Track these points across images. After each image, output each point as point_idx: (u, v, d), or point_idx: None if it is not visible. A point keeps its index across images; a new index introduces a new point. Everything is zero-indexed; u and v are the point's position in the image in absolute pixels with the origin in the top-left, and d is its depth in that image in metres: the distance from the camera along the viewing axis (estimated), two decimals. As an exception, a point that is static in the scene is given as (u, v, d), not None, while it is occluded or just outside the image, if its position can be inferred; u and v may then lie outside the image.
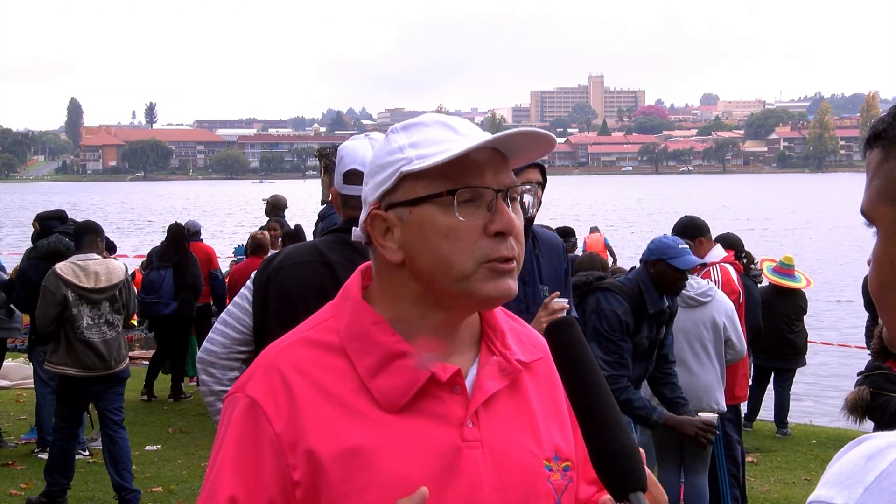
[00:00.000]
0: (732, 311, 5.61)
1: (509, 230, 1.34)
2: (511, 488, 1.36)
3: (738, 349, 5.61)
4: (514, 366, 1.42)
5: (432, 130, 1.38)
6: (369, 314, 1.38)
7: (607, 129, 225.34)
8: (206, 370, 2.90)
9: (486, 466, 1.35)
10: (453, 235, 1.33)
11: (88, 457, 7.63)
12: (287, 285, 2.88)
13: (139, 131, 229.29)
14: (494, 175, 1.35)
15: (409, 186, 1.36)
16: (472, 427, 1.36)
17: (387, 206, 1.38)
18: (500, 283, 1.35)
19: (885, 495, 0.88)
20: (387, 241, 1.38)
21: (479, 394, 1.38)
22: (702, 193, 77.25)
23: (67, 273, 6.13)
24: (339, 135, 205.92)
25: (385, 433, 1.32)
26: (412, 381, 1.34)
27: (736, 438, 6.22)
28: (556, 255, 3.96)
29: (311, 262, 2.92)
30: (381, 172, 1.39)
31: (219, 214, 52.46)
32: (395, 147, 1.38)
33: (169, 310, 9.94)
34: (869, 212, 1.00)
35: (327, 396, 1.34)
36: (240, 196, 74.94)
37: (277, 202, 11.02)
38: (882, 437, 0.94)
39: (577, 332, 1.26)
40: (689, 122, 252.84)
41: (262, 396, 1.35)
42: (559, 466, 1.42)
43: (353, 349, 1.37)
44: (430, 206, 1.34)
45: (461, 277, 1.34)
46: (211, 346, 2.91)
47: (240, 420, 1.35)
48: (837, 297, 20.80)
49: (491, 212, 1.34)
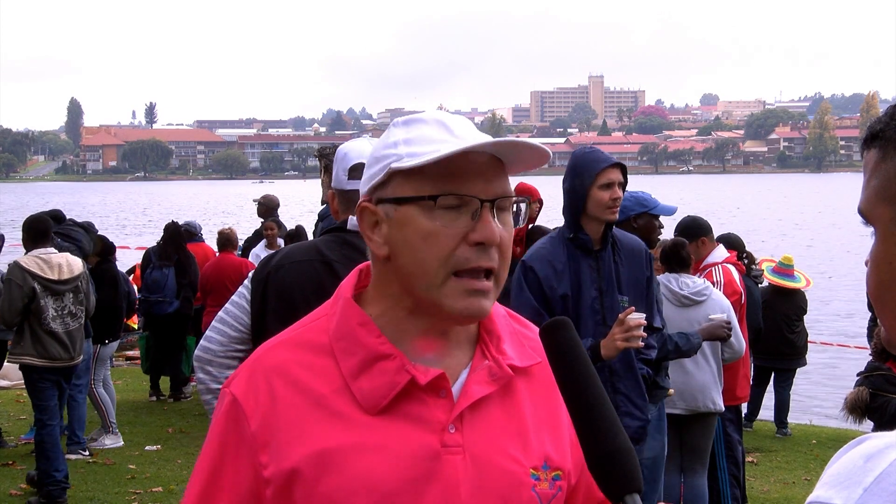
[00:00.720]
0: (729, 309, 5.60)
1: (490, 241, 1.32)
2: (491, 496, 1.34)
3: (735, 348, 5.58)
4: (505, 371, 1.40)
5: (429, 129, 1.37)
6: (357, 314, 1.38)
7: (607, 129, 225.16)
8: (203, 368, 2.91)
9: (466, 473, 1.34)
10: (432, 240, 1.32)
11: (88, 457, 7.63)
12: (287, 284, 2.89)
13: (139, 131, 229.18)
14: (485, 183, 1.33)
15: (397, 184, 1.35)
16: (454, 432, 1.34)
17: (377, 201, 1.37)
18: (471, 301, 1.33)
19: (884, 495, 0.88)
20: (374, 234, 1.38)
21: (464, 399, 1.36)
22: (714, 193, 77.30)
23: (32, 266, 6.30)
24: (339, 135, 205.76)
25: (362, 435, 1.32)
26: (393, 383, 1.33)
27: (736, 438, 6.22)
28: (638, 261, 3.89)
29: (310, 260, 2.92)
30: (374, 165, 1.39)
31: (217, 214, 52.40)
32: (391, 142, 1.38)
33: (172, 308, 9.97)
34: (867, 212, 0.99)
35: (308, 397, 1.34)
36: (239, 196, 74.90)
37: (270, 202, 11.01)
38: (881, 437, 0.93)
39: (573, 333, 1.25)
40: (689, 122, 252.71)
41: (242, 394, 1.36)
42: (548, 475, 1.40)
43: (339, 349, 1.37)
44: (414, 208, 1.33)
45: (432, 285, 1.33)
46: (208, 343, 2.91)
47: (221, 417, 1.39)
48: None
49: (475, 220, 1.32)
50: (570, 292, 3.74)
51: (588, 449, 1.18)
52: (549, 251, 3.82)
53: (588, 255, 3.81)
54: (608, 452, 1.17)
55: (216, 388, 2.89)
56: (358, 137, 3.13)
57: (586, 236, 3.80)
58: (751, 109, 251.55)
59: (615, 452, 1.16)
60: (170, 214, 35.19)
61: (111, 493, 6.63)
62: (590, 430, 1.18)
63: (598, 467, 1.17)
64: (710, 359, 5.49)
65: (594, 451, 1.17)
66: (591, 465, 1.18)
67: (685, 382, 5.37)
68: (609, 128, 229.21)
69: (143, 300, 10.32)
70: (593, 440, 1.18)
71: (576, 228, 3.81)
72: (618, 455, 1.16)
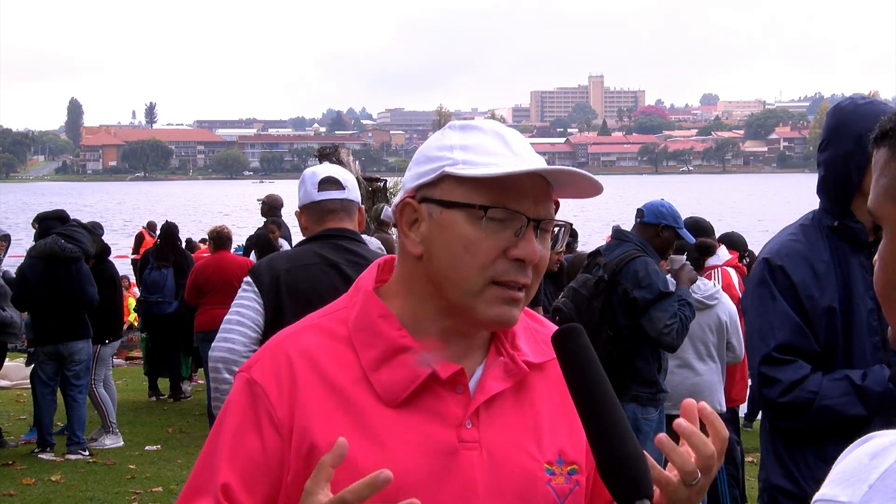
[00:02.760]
0: (735, 313, 5.61)
1: (530, 259, 1.33)
2: (507, 491, 1.35)
3: (737, 352, 5.60)
4: (521, 367, 1.41)
5: (487, 139, 1.37)
6: (378, 307, 1.39)
7: (607, 129, 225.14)
8: (229, 369, 2.95)
9: (482, 468, 1.34)
10: (473, 249, 1.32)
11: (88, 457, 7.63)
12: (301, 286, 2.96)
13: (139, 131, 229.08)
14: (533, 203, 1.34)
15: (447, 187, 1.35)
16: (470, 428, 1.35)
17: (421, 199, 1.37)
18: (503, 309, 1.34)
19: (889, 492, 0.88)
20: (411, 231, 1.38)
21: (480, 394, 1.37)
22: (717, 194, 77.18)
23: None
24: (339, 135, 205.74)
25: (380, 427, 1.33)
26: (413, 377, 1.34)
27: (734, 439, 6.22)
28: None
29: (317, 264, 3.00)
30: (425, 164, 1.38)
31: (215, 214, 52.34)
32: (447, 144, 1.38)
33: (171, 308, 9.96)
34: (875, 211, 0.99)
35: (328, 385, 1.35)
36: (239, 196, 74.86)
37: (274, 202, 10.92)
38: (886, 435, 0.93)
39: (584, 339, 1.24)
40: (689, 122, 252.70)
41: (266, 379, 1.36)
42: (563, 470, 1.40)
43: (358, 340, 1.37)
44: (461, 214, 1.33)
45: (468, 292, 1.33)
46: (232, 345, 2.95)
47: (241, 398, 1.37)
48: None
49: (517, 237, 1.32)
50: (837, 304, 2.55)
51: (598, 454, 1.18)
52: (805, 246, 2.61)
53: (859, 251, 2.60)
54: (618, 458, 1.16)
55: None
56: (314, 156, 3.30)
57: (858, 224, 2.58)
58: (751, 109, 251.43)
59: (625, 457, 1.16)
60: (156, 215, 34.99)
61: (111, 493, 6.63)
62: (600, 435, 1.18)
63: (609, 472, 1.17)
64: (716, 359, 5.50)
65: (604, 457, 1.17)
66: (602, 470, 1.18)
67: (694, 383, 5.37)
68: (609, 128, 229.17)
69: (142, 301, 10.32)
70: (604, 445, 1.17)
71: (843, 213, 2.60)
72: (628, 460, 1.16)
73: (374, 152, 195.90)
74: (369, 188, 11.76)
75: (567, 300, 4.90)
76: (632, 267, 4.72)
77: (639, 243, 4.87)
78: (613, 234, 5.04)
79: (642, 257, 4.75)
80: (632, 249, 4.82)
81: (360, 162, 13.34)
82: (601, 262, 4.87)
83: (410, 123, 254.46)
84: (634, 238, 4.90)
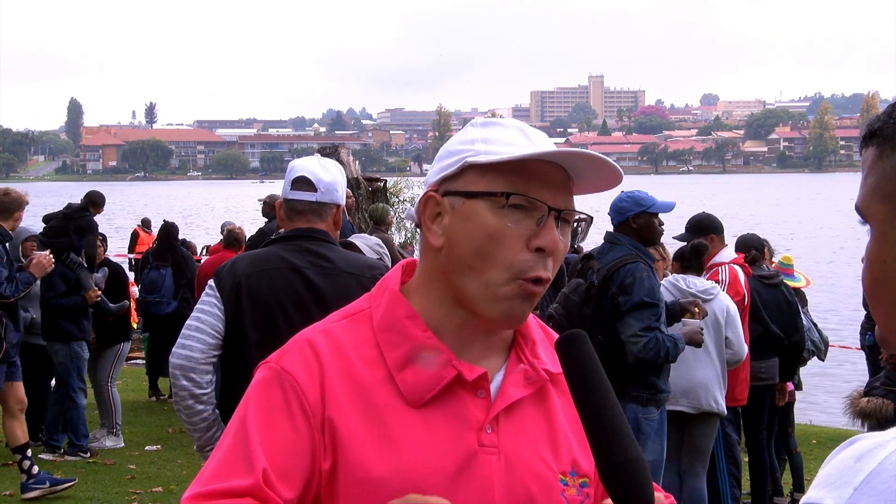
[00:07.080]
0: (733, 310, 5.60)
1: (551, 249, 1.35)
2: (523, 498, 1.36)
3: (736, 349, 5.58)
4: (541, 375, 1.42)
5: (508, 132, 1.39)
6: (404, 307, 1.40)
7: (607, 129, 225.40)
8: (186, 376, 2.92)
9: (500, 473, 1.35)
10: (498, 238, 1.34)
11: (88, 457, 7.63)
12: (262, 291, 2.94)
13: (139, 131, 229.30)
14: (554, 193, 1.36)
15: (469, 178, 1.37)
16: (490, 432, 1.36)
17: (444, 192, 1.39)
18: (523, 306, 1.36)
19: (874, 494, 0.88)
20: (434, 225, 1.39)
21: (502, 400, 1.38)
22: (723, 195, 77.27)
23: None
24: (339, 135, 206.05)
25: (403, 427, 1.33)
26: (439, 377, 1.35)
27: (736, 439, 6.23)
28: None
29: (279, 268, 2.98)
30: (447, 158, 1.41)
31: (215, 214, 52.40)
32: (468, 138, 1.40)
33: (170, 308, 9.96)
34: (863, 209, 1.00)
35: (354, 382, 1.35)
36: (239, 196, 74.92)
37: (274, 202, 10.95)
38: (872, 437, 0.94)
39: (588, 346, 1.25)
40: (689, 122, 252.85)
41: (295, 368, 1.36)
42: (576, 482, 1.41)
43: (384, 340, 1.38)
44: (483, 203, 1.35)
45: (491, 283, 1.34)
46: (189, 352, 2.91)
47: (270, 389, 1.36)
48: None
49: (539, 226, 1.34)
50: None
51: (600, 460, 1.19)
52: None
53: None
54: (619, 463, 1.17)
55: (199, 393, 2.93)
56: (308, 157, 3.24)
57: None
58: (751, 109, 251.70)
59: (627, 464, 1.16)
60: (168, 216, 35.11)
61: (111, 493, 6.63)
62: (602, 441, 1.18)
63: (610, 478, 1.17)
64: (713, 357, 5.49)
65: (606, 462, 1.18)
66: (603, 476, 1.18)
67: (689, 380, 5.37)
68: (609, 128, 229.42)
69: (141, 301, 10.33)
70: (606, 451, 1.18)
71: None
72: (629, 466, 1.17)
73: (374, 152, 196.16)
74: (369, 188, 11.77)
75: (559, 306, 4.89)
76: (621, 273, 4.71)
77: (631, 245, 4.86)
78: (605, 237, 5.04)
79: (633, 264, 4.72)
80: (625, 254, 4.80)
81: (360, 162, 13.34)
82: (594, 265, 4.85)
83: (410, 123, 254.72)
84: (626, 240, 4.88)
